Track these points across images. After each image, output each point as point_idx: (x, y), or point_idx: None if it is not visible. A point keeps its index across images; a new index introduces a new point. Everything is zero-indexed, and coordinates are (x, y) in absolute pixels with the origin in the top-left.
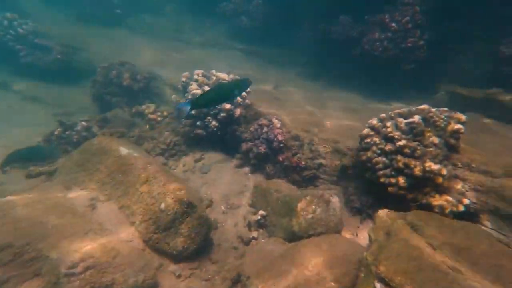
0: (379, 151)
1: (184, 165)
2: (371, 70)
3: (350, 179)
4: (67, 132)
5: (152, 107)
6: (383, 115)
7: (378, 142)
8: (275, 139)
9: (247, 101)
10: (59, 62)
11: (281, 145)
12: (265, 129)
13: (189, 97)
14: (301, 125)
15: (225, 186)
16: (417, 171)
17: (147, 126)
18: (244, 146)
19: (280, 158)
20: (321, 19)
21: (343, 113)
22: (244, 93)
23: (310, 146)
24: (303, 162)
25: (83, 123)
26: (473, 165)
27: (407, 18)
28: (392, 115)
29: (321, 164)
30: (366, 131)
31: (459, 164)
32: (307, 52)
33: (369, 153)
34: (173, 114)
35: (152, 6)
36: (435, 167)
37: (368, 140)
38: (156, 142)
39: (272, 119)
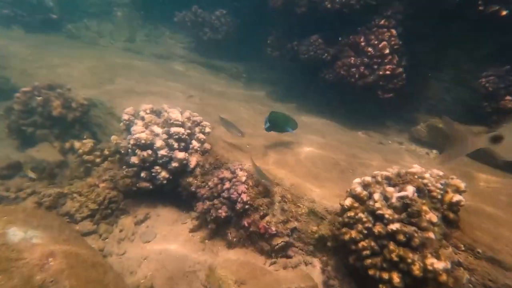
0: (365, 231)
1: (121, 231)
2: (345, 96)
3: (329, 254)
4: None
5: (89, 144)
6: (368, 179)
7: (364, 219)
8: (239, 199)
9: (206, 145)
10: None
11: (246, 206)
12: (227, 184)
13: (131, 141)
14: (271, 171)
15: (171, 263)
16: (416, 269)
17: (81, 169)
18: (200, 207)
19: (245, 223)
20: (290, 37)
21: (319, 146)
22: (202, 135)
23: (282, 205)
24: (273, 228)
25: None
26: (478, 250)
27: (384, 42)
28: (379, 179)
29: (295, 229)
30: (348, 201)
31: (462, 246)
32: (277, 70)
33: (353, 233)
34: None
35: (99, 11)
36: (438, 265)
37: (352, 214)
38: (84, 201)
39: (237, 170)
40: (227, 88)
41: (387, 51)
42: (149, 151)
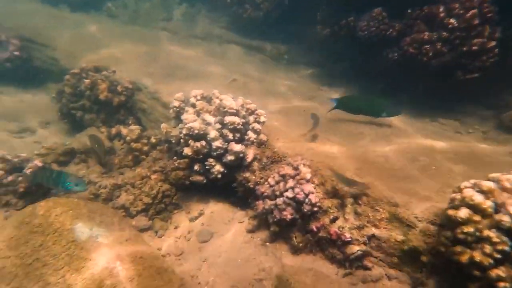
0: (498, 255)
1: (176, 228)
2: (412, 78)
3: (425, 271)
4: (9, 178)
5: (136, 131)
6: (487, 184)
7: (495, 239)
8: (307, 200)
9: (262, 136)
10: (16, 60)
11: (315, 208)
12: (291, 182)
13: (184, 130)
14: (341, 168)
15: (233, 269)
16: None
17: (129, 157)
18: (261, 206)
19: (313, 227)
20: (345, 12)
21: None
22: (258, 125)
23: (355, 208)
24: (347, 235)
25: (35, 162)
26: None
27: (473, 11)
28: (508, 185)
29: (373, 237)
30: (464, 213)
31: None
32: (323, 51)
33: (477, 255)
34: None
35: None
36: None
37: (470, 229)
38: (138, 194)
39: (300, 166)
40: (268, 71)
41: (476, 21)
42: (203, 142)
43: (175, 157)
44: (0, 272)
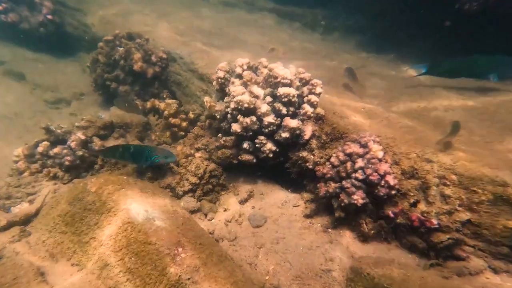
0: None
1: (225, 210)
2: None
3: None
4: (55, 150)
5: (173, 106)
6: None
7: None
8: (383, 183)
9: (319, 110)
10: (50, 25)
11: (393, 192)
12: (360, 162)
13: (232, 104)
14: (415, 144)
15: (295, 257)
16: None
17: (167, 134)
18: (323, 189)
19: (390, 213)
20: None
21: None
22: (315, 98)
23: (442, 189)
24: (434, 221)
25: (78, 135)
26: None
27: None
28: None
29: (467, 222)
30: None
31: None
32: (365, 14)
33: None
34: None
35: None
36: None
37: None
38: (183, 173)
39: (369, 144)
40: (305, 39)
41: None
42: (253, 118)
43: (219, 134)
44: (60, 246)
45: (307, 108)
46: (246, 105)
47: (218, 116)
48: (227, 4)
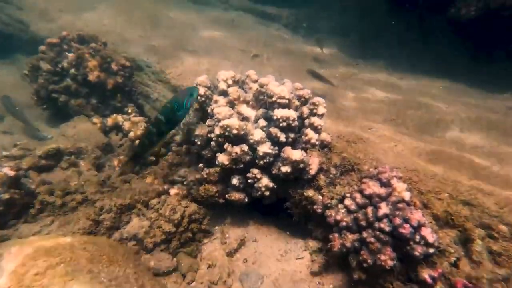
0: None
1: (210, 267)
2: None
3: None
4: None
5: (141, 125)
6: None
7: None
8: (417, 237)
9: (324, 136)
10: None
11: (431, 250)
12: (384, 207)
13: (217, 130)
14: (444, 180)
15: None
16: None
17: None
18: (337, 242)
19: (427, 276)
20: None
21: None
22: (318, 121)
23: (489, 244)
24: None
25: (5, 170)
26: None
27: None
28: None
29: None
30: None
31: None
32: (348, 14)
33: None
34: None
35: None
36: None
37: None
38: (154, 218)
39: (391, 180)
40: (288, 42)
41: None
42: (244, 147)
43: (201, 165)
44: None
45: (310, 134)
46: (235, 131)
47: (198, 142)
48: (197, 1)
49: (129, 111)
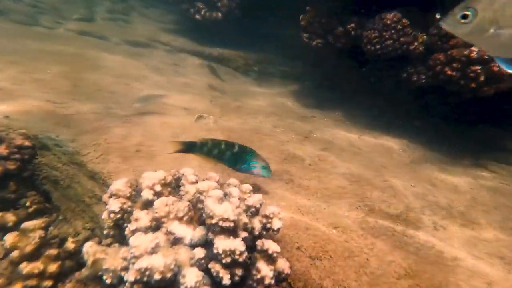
0: None
1: None
2: (446, 107)
3: None
4: None
5: (33, 236)
6: None
7: None
8: None
9: (281, 265)
10: None
11: None
12: None
13: (131, 275)
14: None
15: None
16: None
17: None
18: None
19: None
20: (341, 16)
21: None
22: (272, 247)
23: None
24: None
25: None
26: None
27: None
28: None
29: None
30: None
31: None
32: (305, 60)
33: None
34: None
35: None
36: None
37: None
38: None
39: None
40: (240, 93)
41: None
42: None
43: None
44: None
45: (263, 271)
46: (157, 276)
47: (107, 281)
48: (136, 44)
49: (27, 203)
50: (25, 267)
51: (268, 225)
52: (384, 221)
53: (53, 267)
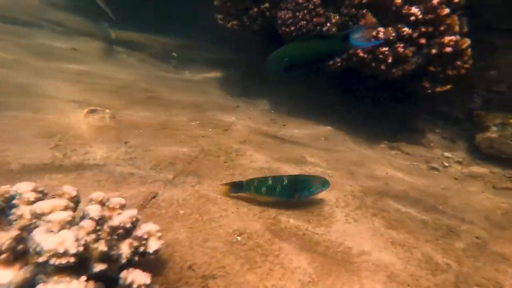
0: None
1: None
2: (360, 90)
3: None
4: None
5: None
6: None
7: None
8: None
9: None
10: None
11: None
12: None
13: None
14: None
15: None
16: None
17: None
18: None
19: None
20: None
21: None
22: (144, 278)
23: None
24: None
25: None
26: None
27: None
28: None
29: None
30: None
31: None
32: (229, 44)
33: None
34: None
35: None
36: None
37: None
38: None
39: None
40: (157, 81)
41: (445, 11)
42: None
43: None
44: None
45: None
46: None
47: None
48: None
49: None
50: None
51: (142, 249)
52: (295, 221)
53: None
